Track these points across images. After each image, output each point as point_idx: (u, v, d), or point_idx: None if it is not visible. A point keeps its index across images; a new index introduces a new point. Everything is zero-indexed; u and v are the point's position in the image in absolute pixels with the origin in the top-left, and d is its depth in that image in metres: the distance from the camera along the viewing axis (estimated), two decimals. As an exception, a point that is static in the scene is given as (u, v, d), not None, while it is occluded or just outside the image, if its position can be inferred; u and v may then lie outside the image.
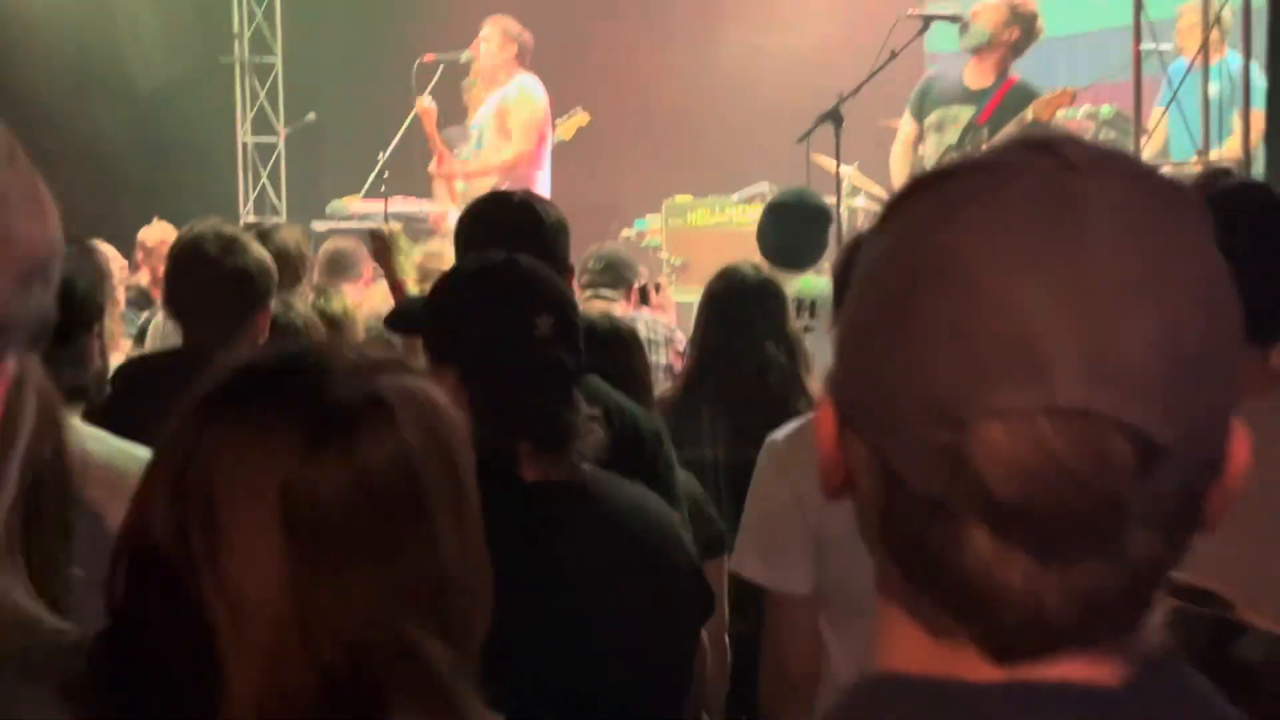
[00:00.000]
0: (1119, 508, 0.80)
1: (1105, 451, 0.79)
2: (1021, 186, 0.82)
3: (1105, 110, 8.39)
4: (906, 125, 7.06)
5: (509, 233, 2.96)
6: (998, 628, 0.82)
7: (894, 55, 6.81)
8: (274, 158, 10.26)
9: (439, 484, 1.27)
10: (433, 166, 8.06)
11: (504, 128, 7.79)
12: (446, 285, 2.34)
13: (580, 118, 8.44)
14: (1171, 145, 7.41)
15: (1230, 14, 6.92)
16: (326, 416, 1.24)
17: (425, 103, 7.89)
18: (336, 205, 8.67)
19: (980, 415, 0.79)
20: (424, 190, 8.34)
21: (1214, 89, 6.93)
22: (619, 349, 3.31)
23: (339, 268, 6.00)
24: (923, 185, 0.87)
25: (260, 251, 3.45)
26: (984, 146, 6.55)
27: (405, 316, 2.76)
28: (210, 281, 3.32)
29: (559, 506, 2.17)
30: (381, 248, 4.37)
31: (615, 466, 2.30)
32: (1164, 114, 7.41)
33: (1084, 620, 0.82)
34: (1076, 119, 8.53)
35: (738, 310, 3.86)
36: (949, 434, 0.80)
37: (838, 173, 6.83)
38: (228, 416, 1.25)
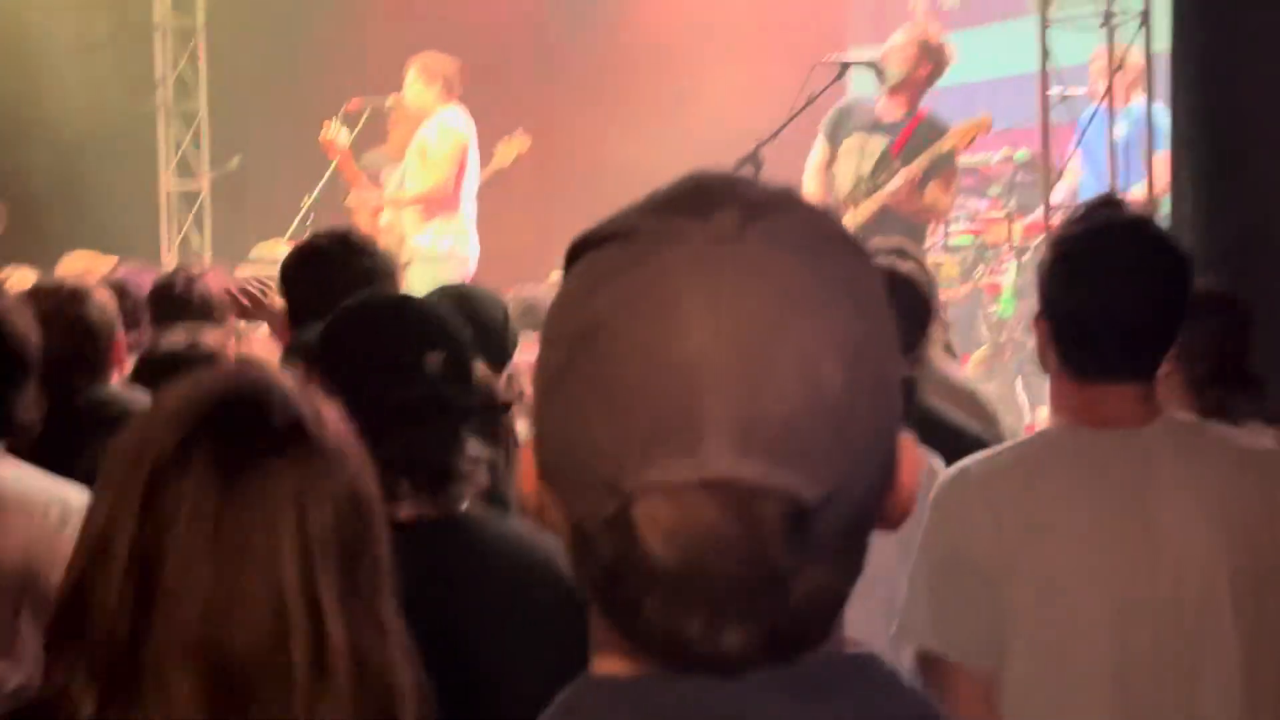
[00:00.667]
0: (775, 568, 0.83)
1: (755, 518, 0.82)
2: (669, 258, 0.85)
3: (1021, 154, 8.51)
4: (820, 149, 7.13)
5: (327, 278, 2.98)
6: (684, 664, 0.85)
7: (811, 100, 6.88)
8: (198, 204, 10.21)
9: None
10: (350, 199, 8.04)
11: (425, 160, 7.80)
12: (338, 319, 2.33)
13: (520, 141, 8.34)
14: (1083, 189, 7.50)
15: (1140, 56, 7.03)
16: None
17: (330, 134, 7.86)
18: (261, 249, 8.64)
19: (640, 488, 0.82)
20: (348, 235, 8.30)
21: (1122, 132, 7.04)
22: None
23: None
24: (589, 244, 0.90)
25: (99, 298, 3.50)
26: (896, 174, 6.62)
27: (300, 350, 2.75)
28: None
29: (431, 547, 2.14)
30: (250, 307, 3.86)
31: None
32: (1072, 156, 7.51)
33: (766, 653, 0.85)
34: (993, 163, 8.65)
35: None
36: (615, 505, 0.83)
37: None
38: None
